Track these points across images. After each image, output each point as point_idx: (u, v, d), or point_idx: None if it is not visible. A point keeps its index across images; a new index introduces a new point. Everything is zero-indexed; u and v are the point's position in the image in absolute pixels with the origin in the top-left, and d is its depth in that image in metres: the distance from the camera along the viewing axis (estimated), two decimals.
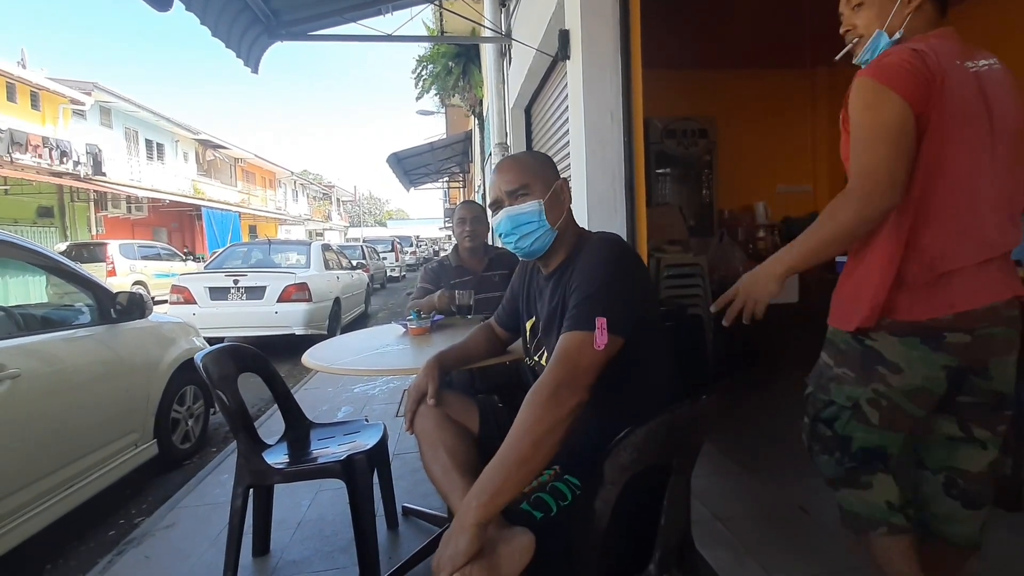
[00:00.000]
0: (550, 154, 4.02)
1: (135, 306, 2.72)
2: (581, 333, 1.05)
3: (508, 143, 5.58)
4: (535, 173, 1.24)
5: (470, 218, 2.44)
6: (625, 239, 2.62)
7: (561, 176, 1.30)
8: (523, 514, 1.00)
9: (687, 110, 5.03)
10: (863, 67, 1.17)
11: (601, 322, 1.04)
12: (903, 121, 1.07)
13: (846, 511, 1.27)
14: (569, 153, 3.10)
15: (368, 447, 1.77)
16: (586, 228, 1.33)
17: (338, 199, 44.27)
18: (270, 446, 1.85)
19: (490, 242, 2.61)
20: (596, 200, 2.70)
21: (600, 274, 1.10)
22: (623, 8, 2.62)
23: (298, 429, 2.02)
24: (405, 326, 2.10)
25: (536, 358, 1.30)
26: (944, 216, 1.12)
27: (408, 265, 20.16)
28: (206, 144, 22.38)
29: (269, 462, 1.71)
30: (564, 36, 2.97)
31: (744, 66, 5.08)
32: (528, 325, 1.37)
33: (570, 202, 1.30)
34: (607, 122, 2.68)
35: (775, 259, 1.18)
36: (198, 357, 1.72)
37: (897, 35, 1.19)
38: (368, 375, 2.46)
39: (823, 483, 1.35)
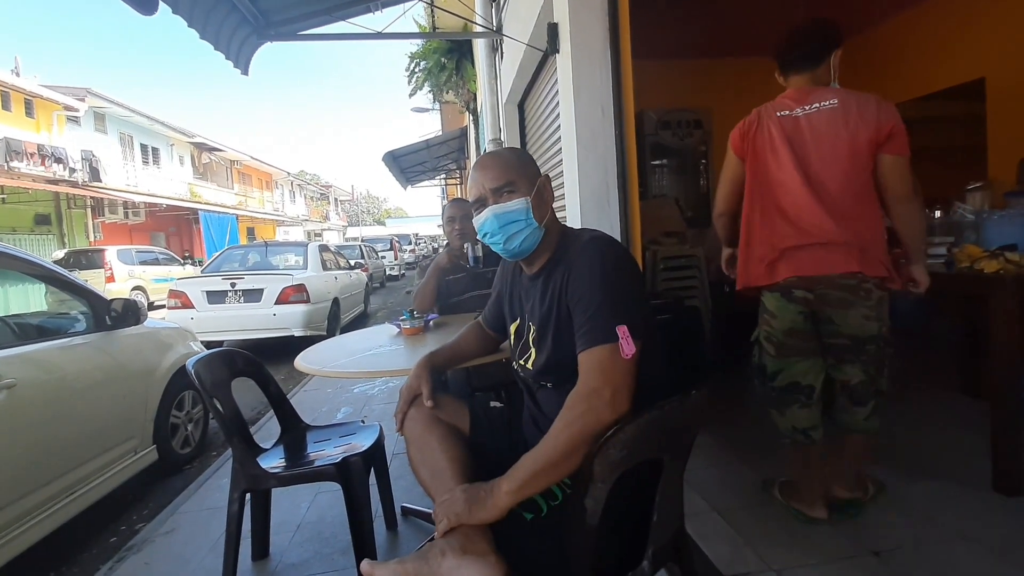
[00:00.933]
0: (543, 149, 4.00)
1: (130, 313, 2.72)
2: (606, 347, 1.02)
3: (502, 139, 5.54)
4: (519, 170, 1.20)
5: (459, 217, 2.44)
6: (619, 232, 2.61)
7: (543, 172, 1.26)
8: (513, 515, 0.99)
9: (682, 101, 4.99)
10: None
11: (623, 330, 1.02)
12: (734, 165, 1.85)
13: (774, 421, 1.87)
14: (561, 148, 3.08)
15: (364, 448, 1.77)
16: (580, 222, 1.31)
17: (336, 199, 44.20)
18: (266, 450, 1.85)
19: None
20: (589, 194, 2.68)
21: (607, 280, 1.07)
22: None
23: (294, 432, 2.02)
24: (399, 326, 2.09)
25: (522, 362, 1.25)
26: (768, 215, 1.74)
27: (407, 263, 20.11)
28: (201, 147, 22.33)
29: (264, 466, 1.71)
30: (553, 29, 2.94)
31: (738, 54, 5.02)
32: (512, 328, 1.32)
33: (553, 199, 1.26)
34: (598, 115, 2.65)
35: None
36: (189, 364, 1.71)
37: None
38: (360, 377, 2.45)
39: None
